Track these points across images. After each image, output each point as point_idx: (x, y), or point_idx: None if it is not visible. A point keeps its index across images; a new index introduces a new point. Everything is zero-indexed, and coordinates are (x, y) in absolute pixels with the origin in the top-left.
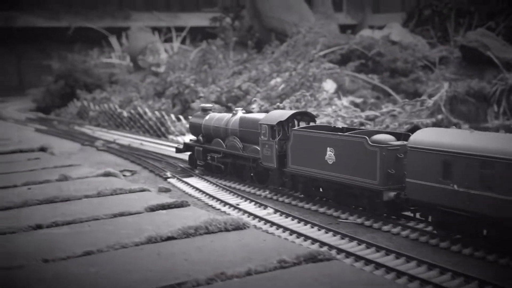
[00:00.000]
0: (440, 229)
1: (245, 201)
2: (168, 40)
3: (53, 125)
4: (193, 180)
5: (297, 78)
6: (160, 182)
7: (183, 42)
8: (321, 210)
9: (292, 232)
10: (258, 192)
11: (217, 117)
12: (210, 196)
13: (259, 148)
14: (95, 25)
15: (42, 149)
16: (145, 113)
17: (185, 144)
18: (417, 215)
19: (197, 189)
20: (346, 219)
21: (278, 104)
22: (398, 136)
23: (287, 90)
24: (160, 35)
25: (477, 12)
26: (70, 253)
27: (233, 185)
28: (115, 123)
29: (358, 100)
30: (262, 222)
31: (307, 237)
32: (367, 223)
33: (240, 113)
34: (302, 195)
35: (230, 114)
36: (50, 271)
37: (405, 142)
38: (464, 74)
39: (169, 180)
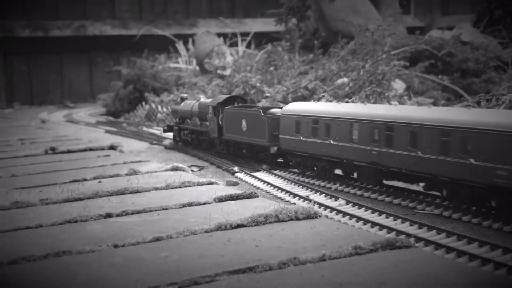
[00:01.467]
0: (297, 166)
1: (315, 193)
2: (233, 44)
3: (122, 127)
4: (261, 174)
5: (365, 76)
6: (228, 176)
7: (248, 46)
8: (396, 201)
9: (366, 221)
10: (328, 185)
11: (187, 103)
12: (279, 188)
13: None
14: (163, 32)
15: (112, 148)
16: None
17: (168, 125)
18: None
19: (265, 182)
20: (423, 210)
21: (347, 99)
22: None
23: (355, 89)
24: (225, 40)
25: None
26: (140, 239)
27: (301, 179)
28: None
29: (429, 101)
30: (334, 212)
31: (382, 226)
32: (446, 213)
33: (202, 100)
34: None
35: (195, 100)
36: (120, 255)
37: None
38: None
39: (236, 174)
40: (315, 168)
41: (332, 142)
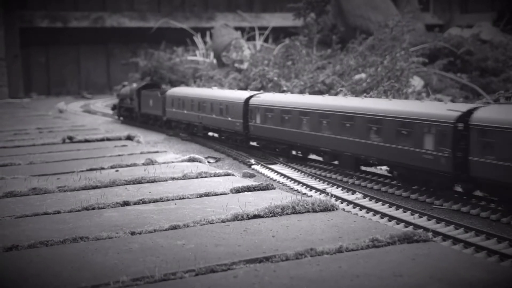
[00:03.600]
0: (176, 127)
1: (332, 186)
2: (251, 39)
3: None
4: (277, 167)
5: (383, 72)
6: (244, 168)
7: (265, 41)
8: (413, 196)
9: (383, 215)
10: (345, 179)
11: (125, 88)
12: (296, 181)
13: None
14: (181, 25)
15: (129, 138)
16: None
17: (113, 105)
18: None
19: (281, 174)
20: (441, 205)
21: (364, 95)
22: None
23: (372, 84)
24: (243, 34)
25: None
26: (157, 227)
27: (318, 172)
28: None
29: (447, 99)
30: (351, 205)
31: (400, 220)
32: (464, 209)
33: (133, 86)
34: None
35: (129, 87)
36: (136, 242)
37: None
38: None
39: (253, 166)
40: (193, 131)
41: (194, 113)
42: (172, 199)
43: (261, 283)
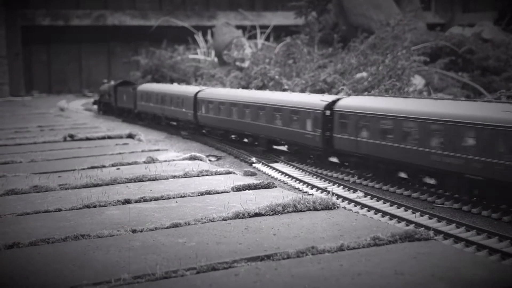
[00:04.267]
0: (145, 118)
1: (333, 185)
2: (252, 37)
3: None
4: (278, 165)
5: (385, 70)
6: (245, 167)
7: (267, 39)
8: (414, 195)
9: (384, 213)
10: (346, 178)
11: (105, 85)
12: (297, 179)
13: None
14: (182, 23)
15: (130, 136)
16: None
17: (95, 100)
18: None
19: (283, 173)
20: (442, 204)
21: (366, 93)
22: None
23: (374, 83)
24: (244, 32)
25: None
26: (158, 225)
27: (319, 171)
28: None
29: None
30: (352, 204)
31: (401, 219)
32: (465, 208)
33: (112, 83)
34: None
35: (107, 84)
36: (138, 240)
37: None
38: None
39: (254, 165)
40: (159, 121)
41: (158, 106)
42: (173, 197)
43: (262, 281)
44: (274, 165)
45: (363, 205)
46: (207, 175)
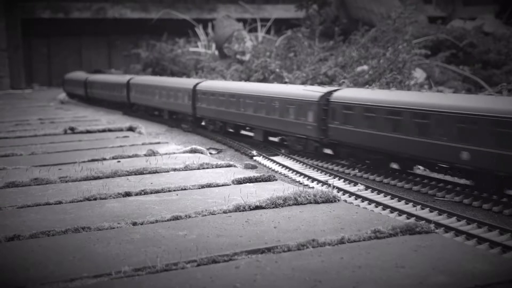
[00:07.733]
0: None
1: (334, 178)
2: (253, 30)
3: (140, 110)
4: (279, 158)
5: (386, 63)
6: (246, 160)
7: (267, 32)
8: (415, 188)
9: (385, 206)
10: (347, 171)
11: (75, 76)
12: (298, 172)
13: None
14: (183, 16)
15: (131, 129)
16: None
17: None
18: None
19: (283, 166)
20: (443, 197)
21: (367, 86)
22: None
23: (375, 76)
24: (245, 25)
25: None
26: (159, 218)
27: (320, 164)
28: None
29: (449, 91)
30: (353, 197)
31: (402, 212)
32: (466, 201)
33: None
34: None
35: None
36: (138, 233)
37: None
38: None
39: (255, 158)
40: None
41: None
42: (174, 190)
43: (263, 273)
44: (274, 158)
45: (364, 198)
46: (207, 168)
